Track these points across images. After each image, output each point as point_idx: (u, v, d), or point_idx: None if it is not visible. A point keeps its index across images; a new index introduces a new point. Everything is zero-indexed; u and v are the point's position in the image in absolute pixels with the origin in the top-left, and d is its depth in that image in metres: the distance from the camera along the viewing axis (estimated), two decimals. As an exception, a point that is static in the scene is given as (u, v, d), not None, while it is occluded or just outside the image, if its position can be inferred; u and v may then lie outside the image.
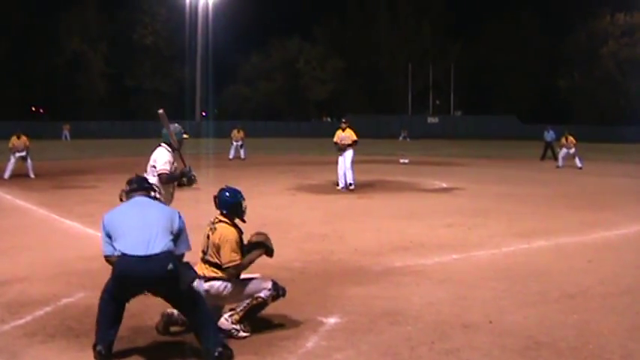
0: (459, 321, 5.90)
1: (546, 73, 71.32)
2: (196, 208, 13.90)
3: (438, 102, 77.31)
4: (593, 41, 65.12)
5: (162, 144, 7.35)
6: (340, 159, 17.44)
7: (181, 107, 65.89)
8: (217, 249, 5.45)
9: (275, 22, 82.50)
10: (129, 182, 5.41)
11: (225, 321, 5.46)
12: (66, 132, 54.03)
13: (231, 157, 30.22)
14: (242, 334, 5.44)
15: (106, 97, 68.90)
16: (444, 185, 18.72)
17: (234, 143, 30.66)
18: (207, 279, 5.43)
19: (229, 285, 5.46)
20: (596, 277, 7.61)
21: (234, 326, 5.45)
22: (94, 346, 4.92)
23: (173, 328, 5.56)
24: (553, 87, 68.67)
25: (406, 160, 28.21)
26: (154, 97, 71.39)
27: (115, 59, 68.53)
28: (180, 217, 5.14)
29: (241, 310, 5.49)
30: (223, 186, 5.94)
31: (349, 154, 17.29)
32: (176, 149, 7.43)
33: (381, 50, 77.34)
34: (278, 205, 14.07)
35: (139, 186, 5.40)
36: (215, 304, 5.48)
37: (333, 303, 6.48)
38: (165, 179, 7.19)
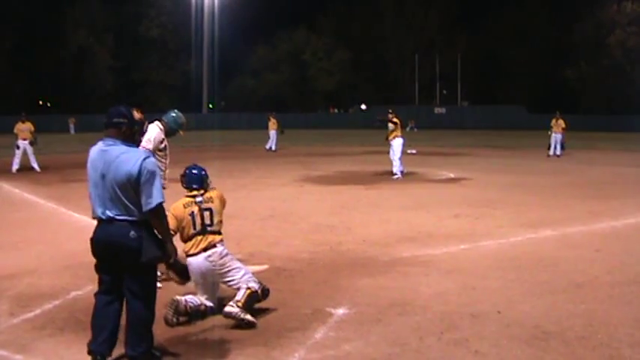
0: (468, 311, 5.91)
1: (553, 62, 70.91)
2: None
3: (445, 92, 77.04)
4: (600, 30, 64.70)
5: (158, 121, 7.27)
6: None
7: (188, 100, 66.07)
8: (222, 209, 5.95)
9: (281, 14, 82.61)
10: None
11: (231, 308, 5.53)
12: (71, 125, 54.15)
13: (272, 147, 30.34)
14: (249, 317, 5.52)
15: (112, 91, 69.01)
16: (452, 176, 18.73)
17: (271, 132, 30.71)
18: (213, 246, 5.75)
19: (226, 250, 5.82)
20: (604, 267, 7.59)
21: (240, 310, 5.51)
22: (88, 350, 4.63)
23: (182, 318, 5.59)
24: (560, 76, 68.31)
25: (414, 151, 28.21)
26: (161, 90, 71.69)
27: (121, 52, 68.75)
28: (145, 160, 4.39)
29: (242, 297, 5.60)
30: (190, 165, 6.26)
31: (394, 143, 18.24)
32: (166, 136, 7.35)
33: (387, 41, 77.23)
34: (286, 197, 14.11)
35: (109, 120, 4.52)
36: (213, 276, 5.76)
37: (342, 294, 6.50)
38: None
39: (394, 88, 77.22)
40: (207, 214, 5.82)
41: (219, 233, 5.84)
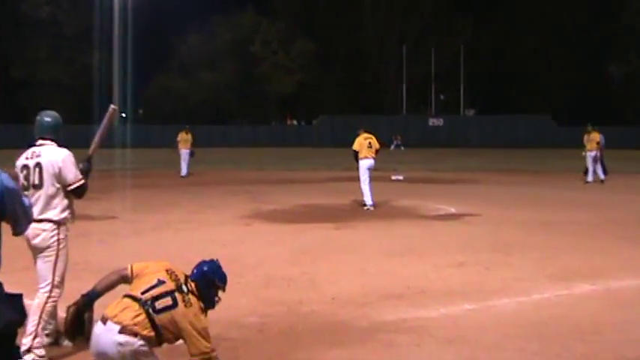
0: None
1: (590, 57, 71.44)
2: (114, 244, 13.75)
3: (442, 97, 78.05)
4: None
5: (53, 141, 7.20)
6: None
7: (90, 106, 65.47)
8: (180, 328, 5.47)
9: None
10: None
11: None
12: None
13: (183, 173, 30.48)
14: None
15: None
16: (452, 210, 18.93)
17: (183, 152, 30.69)
18: (127, 331, 5.39)
19: (147, 350, 5.44)
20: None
21: None
22: None
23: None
24: (600, 76, 68.87)
25: (400, 177, 28.40)
26: (53, 92, 69.95)
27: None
28: None
29: None
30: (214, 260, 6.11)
31: (360, 166, 19.33)
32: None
33: (365, 28, 78.06)
34: (227, 239, 14.04)
35: None
36: None
37: (303, 373, 6.46)
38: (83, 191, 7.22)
39: (374, 92, 77.91)
40: (166, 300, 5.53)
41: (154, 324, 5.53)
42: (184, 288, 5.59)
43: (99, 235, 13.99)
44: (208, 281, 5.79)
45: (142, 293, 5.47)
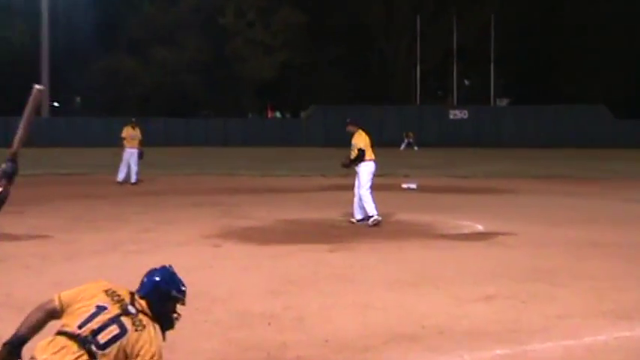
0: None
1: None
2: (43, 271, 13.76)
3: (467, 82, 78.12)
4: None
5: None
6: (355, 179, 20.09)
7: (14, 93, 65.30)
8: (133, 357, 5.48)
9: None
10: None
11: None
12: None
13: (120, 178, 30.60)
14: None
15: None
16: (480, 228, 19.04)
17: (128, 151, 30.78)
18: None
19: None
20: None
21: None
22: None
23: None
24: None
25: (412, 185, 28.51)
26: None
27: None
28: None
29: None
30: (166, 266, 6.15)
31: (361, 170, 19.62)
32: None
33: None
34: (191, 265, 13.88)
35: None
36: None
37: None
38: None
39: (380, 78, 77.81)
40: (112, 329, 5.57)
41: None
42: (132, 309, 5.59)
43: (23, 260, 13.97)
44: (162, 294, 5.80)
45: (79, 327, 5.43)
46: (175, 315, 5.88)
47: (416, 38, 72.35)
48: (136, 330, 5.47)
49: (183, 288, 6.01)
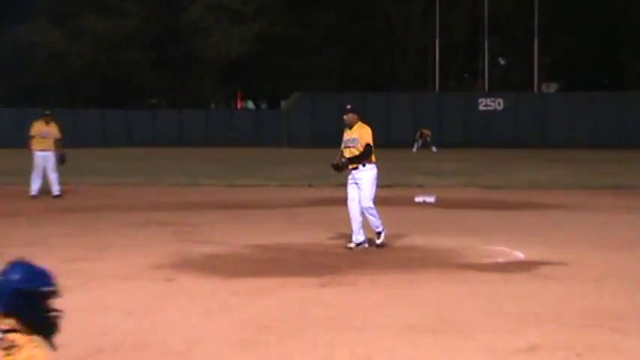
0: None
1: None
2: None
3: (502, 62, 78.34)
4: None
5: None
6: (350, 187, 19.56)
7: None
8: None
9: None
10: None
11: None
12: None
13: (34, 190, 30.68)
14: None
15: None
16: (519, 255, 18.93)
17: (39, 155, 30.62)
18: None
19: None
20: None
21: None
22: None
23: None
24: None
25: (429, 199, 28.56)
26: None
27: None
28: None
29: None
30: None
31: (363, 176, 19.29)
32: None
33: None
34: (134, 305, 13.98)
35: None
36: None
37: None
38: None
39: (384, 55, 77.95)
40: None
41: None
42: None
43: None
44: (28, 297, 5.72)
45: None
46: (53, 314, 5.84)
47: (434, 2, 72.62)
48: (9, 354, 5.49)
49: (50, 275, 5.93)
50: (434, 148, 57.14)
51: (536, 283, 16.13)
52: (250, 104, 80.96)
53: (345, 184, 20.20)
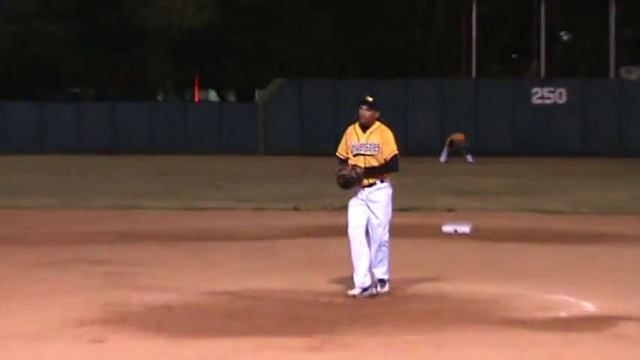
0: None
1: None
2: None
3: (565, 39, 79.02)
4: None
5: None
6: (356, 211, 19.16)
7: None
8: None
9: None
10: None
11: None
12: None
13: None
14: None
15: None
16: (588, 307, 18.59)
17: None
18: None
19: None
20: None
21: None
22: None
23: None
24: None
25: (463, 228, 28.61)
26: None
27: None
28: None
29: None
30: None
31: (379, 197, 19.18)
32: None
33: None
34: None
35: None
36: None
37: None
38: None
39: (398, 29, 78.70)
40: None
41: None
42: None
43: None
44: None
45: None
46: None
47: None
48: None
49: None
50: (469, 158, 57.59)
51: (612, 346, 15.54)
52: (212, 95, 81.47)
53: (345, 207, 20.13)
